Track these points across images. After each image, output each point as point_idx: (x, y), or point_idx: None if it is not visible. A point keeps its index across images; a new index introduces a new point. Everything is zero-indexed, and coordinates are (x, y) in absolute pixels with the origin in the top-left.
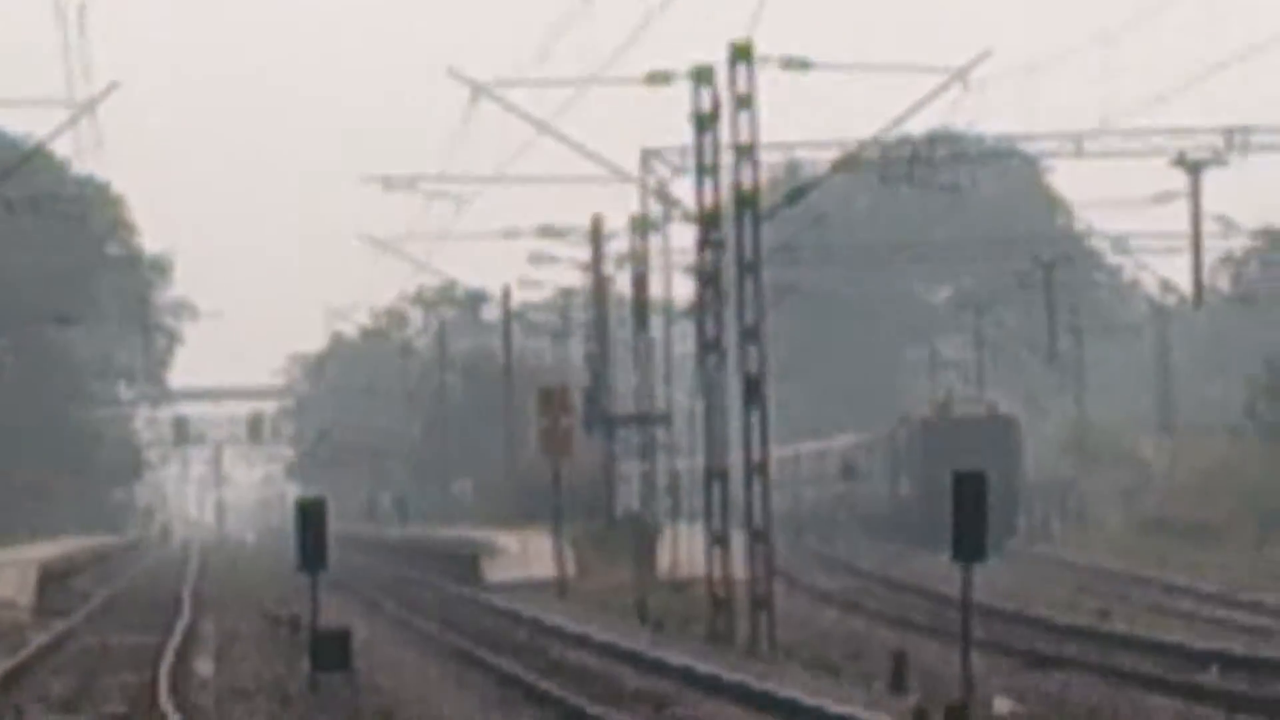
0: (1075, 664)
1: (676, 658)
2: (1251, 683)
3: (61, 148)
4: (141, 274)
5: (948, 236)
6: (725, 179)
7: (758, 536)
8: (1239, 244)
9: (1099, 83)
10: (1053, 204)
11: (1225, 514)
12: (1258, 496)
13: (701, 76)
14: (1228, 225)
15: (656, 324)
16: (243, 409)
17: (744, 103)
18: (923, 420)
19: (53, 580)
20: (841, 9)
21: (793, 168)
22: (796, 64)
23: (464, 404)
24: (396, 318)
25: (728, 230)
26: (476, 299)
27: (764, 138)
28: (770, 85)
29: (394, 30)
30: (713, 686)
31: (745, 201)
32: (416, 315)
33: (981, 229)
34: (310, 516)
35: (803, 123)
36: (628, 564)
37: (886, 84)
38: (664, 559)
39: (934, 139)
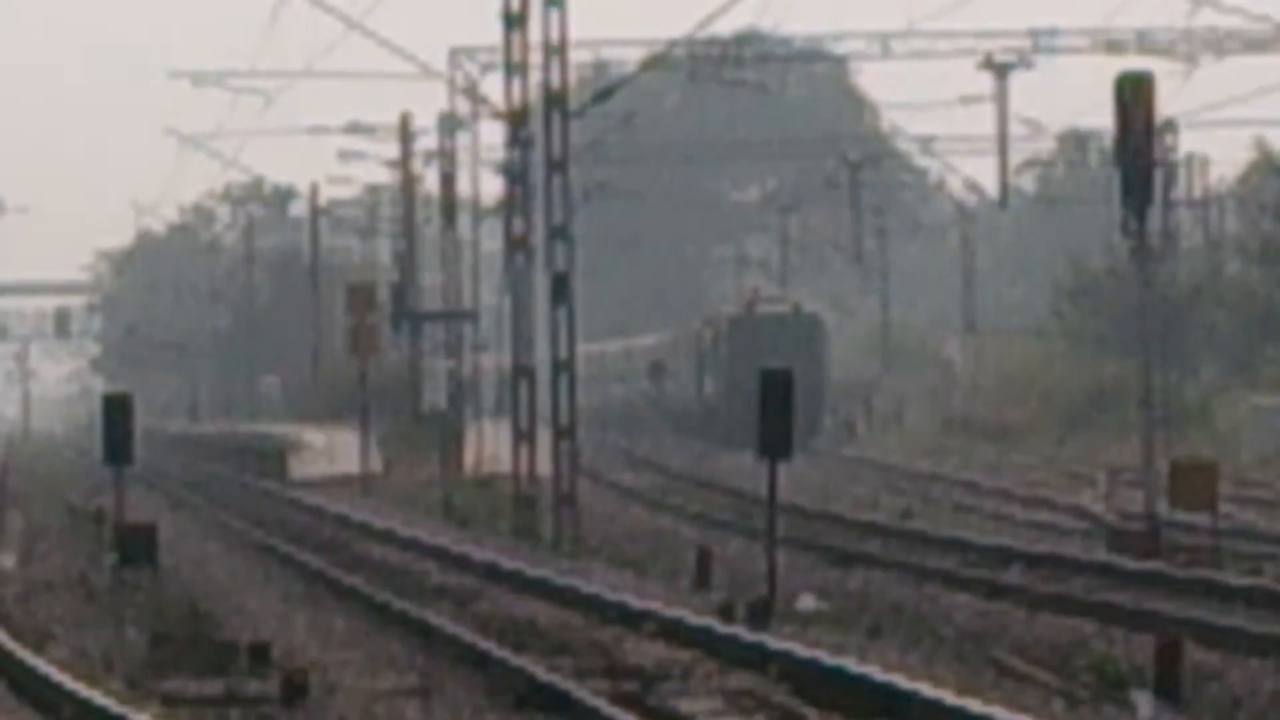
0: (878, 561)
1: (481, 553)
2: (1050, 580)
3: None
4: None
5: (756, 136)
6: (534, 78)
7: (563, 434)
8: (1044, 146)
9: None
10: (859, 105)
11: (1028, 414)
12: (1059, 397)
13: None
14: (1033, 128)
15: (464, 222)
16: (49, 304)
17: (553, 1)
18: (728, 318)
19: None
20: None
21: (601, 66)
22: None
23: (271, 301)
24: (204, 214)
25: (536, 129)
26: (284, 196)
27: (573, 36)
28: None
29: None
30: (517, 582)
31: (554, 100)
32: (224, 212)
33: (789, 129)
34: (116, 411)
35: (612, 21)
36: (434, 461)
37: None
38: (470, 456)
39: (742, 39)
